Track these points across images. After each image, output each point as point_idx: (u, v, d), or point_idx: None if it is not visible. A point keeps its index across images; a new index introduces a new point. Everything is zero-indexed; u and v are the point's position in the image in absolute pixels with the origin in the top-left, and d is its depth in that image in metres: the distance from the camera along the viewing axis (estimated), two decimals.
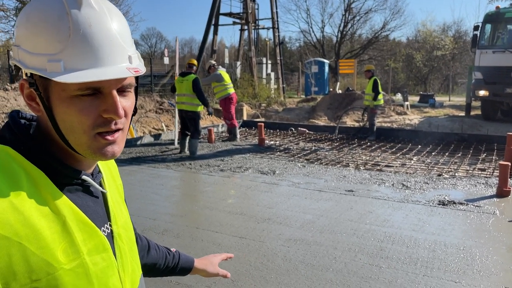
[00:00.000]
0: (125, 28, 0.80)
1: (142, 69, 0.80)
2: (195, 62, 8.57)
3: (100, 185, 0.91)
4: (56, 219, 0.74)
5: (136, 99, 0.86)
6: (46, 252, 0.71)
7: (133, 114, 0.86)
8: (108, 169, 1.00)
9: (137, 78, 0.85)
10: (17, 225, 0.69)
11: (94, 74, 0.73)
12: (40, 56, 0.74)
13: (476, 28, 13.69)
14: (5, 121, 8.73)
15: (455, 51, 34.51)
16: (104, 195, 0.90)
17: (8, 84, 12.05)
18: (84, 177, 0.82)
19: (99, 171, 0.92)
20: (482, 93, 13.30)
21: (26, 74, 0.78)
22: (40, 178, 0.76)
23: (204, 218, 4.72)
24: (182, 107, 8.16)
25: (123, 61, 0.77)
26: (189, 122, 8.16)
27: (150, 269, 1.26)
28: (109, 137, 0.79)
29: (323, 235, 4.21)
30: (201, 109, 8.18)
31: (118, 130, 0.80)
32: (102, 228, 0.85)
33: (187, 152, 8.37)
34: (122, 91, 0.80)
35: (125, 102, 0.81)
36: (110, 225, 0.89)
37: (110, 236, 0.87)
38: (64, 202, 0.77)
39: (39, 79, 0.76)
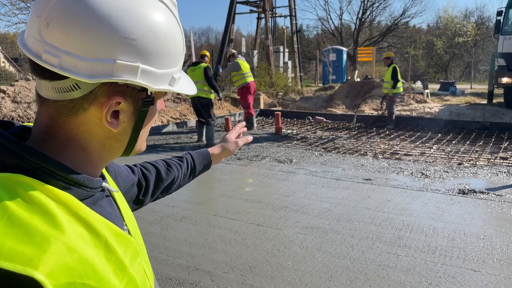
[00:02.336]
0: None
1: None
2: (207, 53, 8.95)
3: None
4: (99, 243, 0.68)
5: None
6: (104, 282, 0.66)
7: None
8: (108, 170, 0.96)
9: None
10: (76, 266, 0.62)
11: (187, 81, 0.76)
12: (167, 72, 0.71)
13: (499, 13, 13.31)
14: (27, 111, 8.77)
15: (477, 37, 33.67)
16: (112, 195, 0.85)
17: (30, 74, 12.26)
18: (104, 185, 0.77)
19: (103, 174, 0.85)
20: (505, 80, 12.97)
21: (127, 91, 0.69)
22: (70, 201, 0.66)
23: (221, 206, 4.76)
24: (195, 94, 8.32)
25: None
26: (202, 109, 8.37)
27: (169, 186, 1.28)
28: None
29: (340, 223, 4.20)
30: (213, 96, 8.39)
31: None
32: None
33: (204, 141, 8.46)
34: None
35: None
36: (126, 225, 0.84)
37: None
38: (98, 220, 0.69)
39: (138, 93, 0.70)
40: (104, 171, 0.86)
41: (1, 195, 0.59)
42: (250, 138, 1.46)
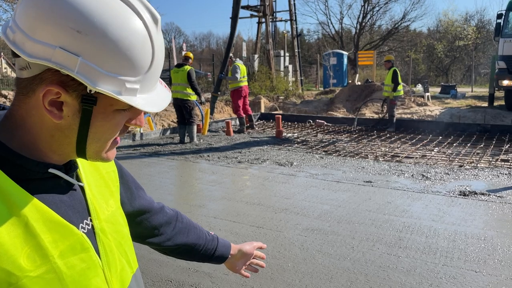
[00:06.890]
0: None
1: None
2: (191, 55, 9.09)
3: (77, 177, 0.82)
4: (16, 221, 0.66)
5: None
6: (4, 260, 0.64)
7: None
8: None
9: None
10: None
11: (160, 100, 0.74)
12: (117, 77, 0.67)
13: (499, 16, 13.34)
14: None
15: (478, 41, 33.67)
16: (82, 188, 0.82)
17: None
18: (52, 170, 0.74)
19: (75, 162, 0.81)
20: (505, 83, 12.98)
21: (73, 83, 0.67)
22: None
23: (222, 208, 4.76)
24: (177, 96, 8.67)
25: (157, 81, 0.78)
26: (184, 110, 8.68)
27: (188, 250, 1.24)
28: (118, 139, 0.79)
29: (340, 225, 4.19)
30: (194, 98, 8.69)
31: None
32: (81, 224, 0.77)
33: (191, 140, 8.87)
34: None
35: None
36: (91, 220, 0.80)
37: (92, 233, 0.80)
38: (27, 201, 0.68)
39: (84, 90, 0.68)
40: (83, 165, 0.85)
41: None
42: (265, 246, 1.44)
